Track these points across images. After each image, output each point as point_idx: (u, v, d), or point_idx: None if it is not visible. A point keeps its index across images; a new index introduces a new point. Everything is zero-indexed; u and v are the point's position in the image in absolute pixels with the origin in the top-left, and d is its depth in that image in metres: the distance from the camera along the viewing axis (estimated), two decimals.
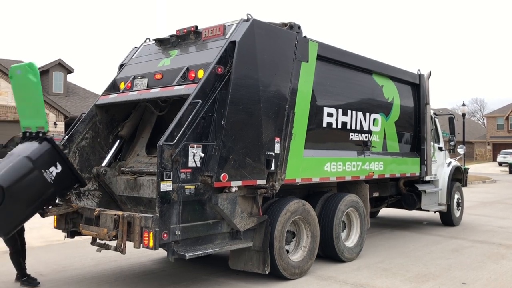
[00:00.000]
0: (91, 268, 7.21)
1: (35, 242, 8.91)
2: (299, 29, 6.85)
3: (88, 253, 7.80)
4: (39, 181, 5.41)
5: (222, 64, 5.83)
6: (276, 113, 6.35)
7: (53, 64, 29.17)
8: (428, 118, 10.12)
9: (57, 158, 5.61)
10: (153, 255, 7.81)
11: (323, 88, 7.37)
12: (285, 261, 6.41)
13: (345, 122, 7.86)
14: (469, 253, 8.42)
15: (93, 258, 7.64)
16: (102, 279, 6.63)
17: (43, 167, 5.46)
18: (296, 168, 6.70)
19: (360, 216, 8.02)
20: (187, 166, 5.38)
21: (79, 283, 6.42)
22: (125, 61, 7.50)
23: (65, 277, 6.70)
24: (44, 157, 5.51)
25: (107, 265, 7.40)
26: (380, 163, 8.66)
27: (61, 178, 5.60)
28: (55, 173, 5.55)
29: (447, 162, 11.61)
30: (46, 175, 5.48)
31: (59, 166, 5.59)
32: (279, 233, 6.31)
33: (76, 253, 8.11)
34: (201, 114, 5.56)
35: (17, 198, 5.25)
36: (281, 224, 6.35)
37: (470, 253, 8.38)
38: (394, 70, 9.30)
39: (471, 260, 7.84)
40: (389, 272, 7.05)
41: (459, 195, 11.64)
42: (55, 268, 7.13)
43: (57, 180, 5.56)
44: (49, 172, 5.50)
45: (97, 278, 6.68)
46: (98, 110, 6.99)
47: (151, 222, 5.10)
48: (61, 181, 5.62)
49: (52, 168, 5.53)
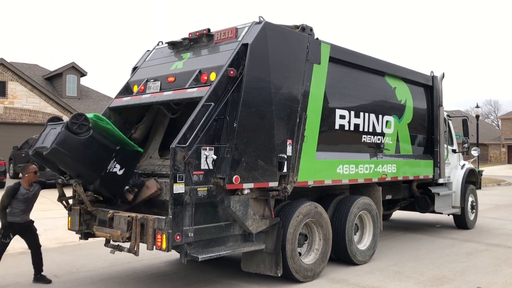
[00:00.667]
0: (105, 270, 7.26)
1: (50, 243, 9.00)
2: (311, 31, 6.85)
3: (102, 254, 7.86)
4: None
5: (234, 66, 5.84)
6: (288, 116, 6.35)
7: (67, 67, 29.54)
8: (441, 120, 10.03)
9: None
10: (166, 256, 7.85)
11: (335, 90, 7.35)
12: (298, 264, 6.39)
13: (358, 124, 7.83)
14: (484, 256, 8.32)
15: (107, 260, 7.71)
16: (115, 280, 6.68)
17: None
18: (308, 171, 6.68)
19: (373, 218, 7.98)
20: (200, 168, 5.40)
21: (93, 284, 6.48)
22: (138, 64, 7.56)
23: (79, 279, 6.77)
24: None
25: (121, 266, 7.46)
26: (393, 165, 8.60)
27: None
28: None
29: (461, 164, 11.49)
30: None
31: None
32: (292, 236, 6.30)
33: (90, 255, 8.18)
34: (213, 117, 5.58)
35: None
36: (293, 226, 6.34)
37: (485, 257, 8.28)
38: (407, 71, 9.24)
39: (486, 264, 7.75)
40: (402, 275, 7.00)
41: (473, 197, 11.52)
42: (69, 270, 7.20)
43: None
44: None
45: (110, 279, 6.73)
46: (112, 112, 7.05)
47: (164, 224, 5.12)
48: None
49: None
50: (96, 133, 5.64)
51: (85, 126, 5.52)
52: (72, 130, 5.41)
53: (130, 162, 6.08)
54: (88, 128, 5.54)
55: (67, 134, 5.37)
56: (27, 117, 25.07)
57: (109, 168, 5.79)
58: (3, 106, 24.47)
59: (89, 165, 5.65)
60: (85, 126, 5.52)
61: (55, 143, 5.30)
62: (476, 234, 10.59)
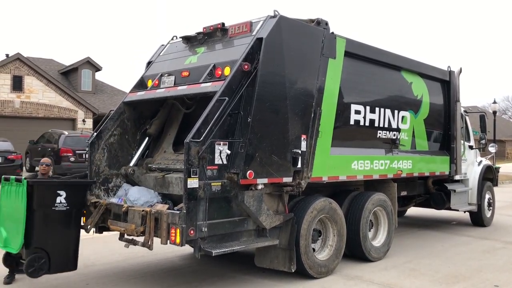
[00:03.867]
0: (119, 263, 7.30)
1: None
2: (327, 25, 6.76)
3: (116, 248, 7.89)
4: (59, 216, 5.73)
5: (249, 61, 5.79)
6: (303, 111, 6.30)
7: (82, 62, 29.77)
8: (458, 116, 9.87)
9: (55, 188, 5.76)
10: (180, 251, 7.87)
11: (350, 85, 7.27)
12: (311, 260, 6.36)
13: (373, 119, 7.74)
14: (501, 254, 8.19)
15: (121, 254, 7.74)
16: (129, 274, 6.72)
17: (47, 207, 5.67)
18: (323, 166, 6.63)
19: (387, 215, 7.90)
20: (214, 163, 5.38)
21: (108, 277, 6.52)
22: (153, 59, 7.55)
23: (94, 272, 6.81)
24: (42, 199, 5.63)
25: (135, 260, 7.49)
26: (408, 161, 8.49)
27: (71, 198, 5.80)
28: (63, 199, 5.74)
29: (478, 161, 11.32)
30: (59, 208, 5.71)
31: (62, 193, 5.75)
32: (306, 232, 6.26)
33: (105, 248, 8.23)
34: (227, 111, 5.55)
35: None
36: (307, 222, 6.30)
37: (502, 255, 8.15)
38: (424, 66, 9.10)
39: (503, 262, 7.63)
40: (417, 272, 6.92)
41: (490, 194, 11.34)
42: (85, 263, 7.22)
43: (70, 202, 5.79)
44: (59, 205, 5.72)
45: (124, 273, 6.77)
46: (126, 107, 7.06)
47: (178, 218, 5.12)
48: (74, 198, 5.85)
49: (58, 199, 5.71)
50: None
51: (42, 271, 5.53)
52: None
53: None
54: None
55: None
56: (43, 111, 25.32)
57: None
58: (20, 100, 24.76)
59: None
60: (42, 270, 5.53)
61: None
62: (492, 231, 10.43)
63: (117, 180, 6.88)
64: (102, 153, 6.74)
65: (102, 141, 6.77)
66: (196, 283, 6.28)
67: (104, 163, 6.76)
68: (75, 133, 19.92)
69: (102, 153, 6.75)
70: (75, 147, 17.31)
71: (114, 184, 6.84)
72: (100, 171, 6.72)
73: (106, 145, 6.80)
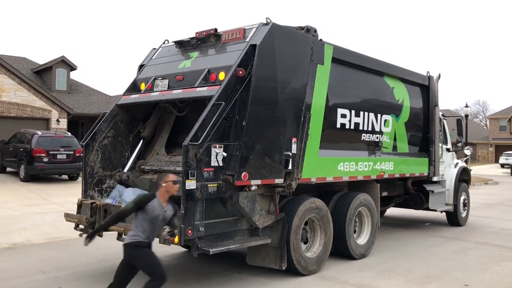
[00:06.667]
0: (94, 266, 7.19)
1: (37, 239, 8.98)
2: (315, 32, 7.04)
3: (91, 250, 7.69)
4: None
5: (243, 66, 6.02)
6: (294, 114, 6.56)
7: (57, 61, 29.12)
8: (436, 120, 10.32)
9: None
10: (166, 251, 7.91)
11: (337, 89, 7.57)
12: (301, 258, 6.62)
13: (358, 123, 8.06)
14: (472, 255, 8.45)
15: (96, 256, 7.68)
16: (104, 276, 6.58)
17: None
18: (312, 168, 6.90)
19: (371, 214, 8.23)
20: (210, 165, 5.58)
21: (81, 280, 6.43)
22: (145, 62, 7.70)
23: (67, 275, 6.67)
24: None
25: (110, 262, 7.33)
26: (390, 163, 8.86)
27: None
28: None
29: (454, 163, 11.81)
30: None
31: None
32: (295, 230, 6.52)
33: (79, 251, 8.05)
34: (223, 115, 5.76)
35: None
36: (297, 221, 6.56)
37: (473, 255, 8.41)
38: (405, 72, 9.49)
39: (474, 262, 7.87)
40: (392, 273, 7.06)
41: (465, 195, 11.84)
42: (57, 265, 7.10)
43: None
44: None
45: (99, 275, 6.67)
46: (120, 109, 7.20)
47: (176, 219, 5.29)
48: None
49: None
50: None
51: None
52: None
53: None
54: None
55: None
56: (15, 110, 24.72)
57: None
58: None
59: None
60: None
61: None
62: (464, 232, 10.78)
63: (110, 181, 7.03)
64: (96, 155, 6.87)
65: (96, 142, 6.89)
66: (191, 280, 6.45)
67: (98, 164, 6.89)
68: (48, 133, 19.36)
69: (96, 154, 6.88)
70: (49, 148, 17.01)
71: (108, 185, 6.98)
72: (94, 173, 6.85)
73: (100, 146, 6.93)
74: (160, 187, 4.73)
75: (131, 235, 4.69)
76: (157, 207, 4.65)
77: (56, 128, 24.60)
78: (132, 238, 4.64)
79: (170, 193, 4.77)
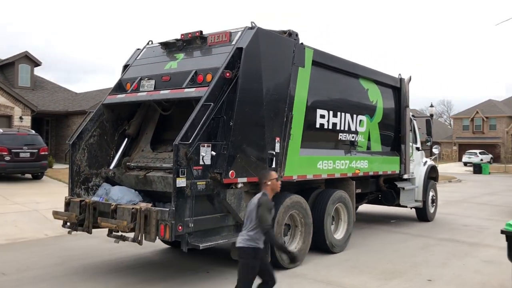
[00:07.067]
0: (57, 267, 7.09)
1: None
2: (297, 36, 7.35)
3: (55, 251, 7.78)
4: None
5: (230, 68, 6.26)
6: (277, 115, 6.85)
7: (19, 56, 28.26)
8: (407, 120, 10.83)
9: None
10: (133, 250, 7.96)
11: (316, 91, 7.90)
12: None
13: (335, 123, 8.43)
14: (434, 250, 8.72)
15: (60, 256, 7.65)
16: (66, 278, 6.50)
17: None
18: (293, 166, 7.21)
19: (347, 210, 8.62)
20: (199, 163, 5.80)
21: (44, 282, 6.34)
22: (129, 62, 7.83)
23: (29, 277, 6.56)
24: None
25: (75, 262, 7.31)
26: (365, 161, 9.28)
27: None
28: None
29: (423, 161, 12.39)
30: None
31: None
32: (279, 226, 6.82)
33: (43, 252, 7.99)
34: (211, 116, 5.98)
35: None
36: (280, 217, 6.86)
37: (436, 251, 8.61)
38: (378, 74, 9.93)
39: (436, 258, 8.06)
40: (357, 269, 7.22)
41: (433, 192, 12.44)
42: (19, 267, 7.01)
43: None
44: None
45: (62, 277, 6.56)
46: (105, 109, 7.32)
47: (167, 215, 5.51)
48: None
49: None
50: None
51: None
52: None
53: None
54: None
55: None
56: None
57: None
58: None
59: None
60: None
61: None
62: (428, 229, 11.12)
63: (96, 179, 7.14)
64: (82, 153, 6.98)
65: (83, 141, 7.00)
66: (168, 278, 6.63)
67: (85, 163, 7.00)
68: (11, 130, 18.67)
69: (83, 153, 6.98)
70: (11, 146, 16.58)
71: (94, 183, 7.10)
72: (80, 171, 6.96)
73: (86, 145, 7.04)
74: (265, 185, 4.75)
75: (247, 239, 4.58)
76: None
77: (19, 125, 23.81)
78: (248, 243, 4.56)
79: (275, 190, 4.83)
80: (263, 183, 4.77)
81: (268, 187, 4.75)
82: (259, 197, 4.61)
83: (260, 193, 4.71)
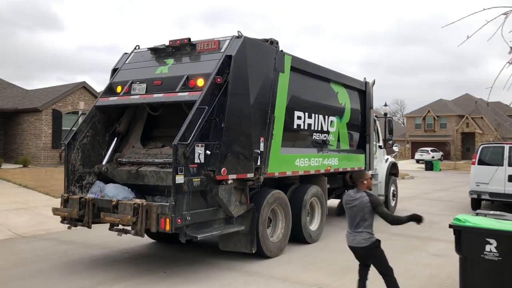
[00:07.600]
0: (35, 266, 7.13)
1: None
2: (277, 44, 7.99)
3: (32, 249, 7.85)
4: None
5: (220, 74, 6.81)
6: (262, 117, 7.47)
7: None
8: (371, 120, 11.72)
9: None
10: (118, 246, 8.37)
11: (295, 94, 8.59)
12: (267, 242, 7.56)
13: (310, 124, 9.15)
14: (387, 245, 8.42)
15: (45, 256, 7.75)
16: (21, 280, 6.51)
17: None
18: (275, 164, 7.86)
19: (321, 204, 9.37)
20: (194, 162, 6.34)
21: (2, 285, 6.34)
22: (118, 66, 8.21)
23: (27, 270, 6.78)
24: None
25: (43, 263, 7.30)
26: (335, 158, 10.06)
27: None
28: None
29: (385, 158, 13.36)
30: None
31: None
32: (263, 218, 7.45)
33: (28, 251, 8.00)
34: (205, 118, 6.52)
35: None
36: (264, 210, 7.50)
37: (388, 246, 8.38)
38: (346, 78, 10.74)
39: (388, 252, 7.88)
40: (313, 266, 7.33)
41: (394, 187, 13.43)
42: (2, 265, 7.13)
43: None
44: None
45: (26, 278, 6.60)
46: (97, 111, 7.71)
47: (167, 209, 6.02)
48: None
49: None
50: None
51: None
52: None
53: None
54: None
55: None
56: None
57: None
58: None
59: None
60: None
61: None
62: (381, 224, 10.93)
63: (89, 177, 7.53)
64: (77, 153, 7.35)
65: (77, 142, 7.37)
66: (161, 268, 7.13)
67: (79, 162, 7.37)
68: None
69: (77, 153, 7.35)
70: None
71: (87, 182, 7.48)
72: (75, 170, 7.33)
73: (80, 145, 7.41)
74: (362, 184, 5.15)
75: (369, 237, 5.22)
76: None
77: None
78: (371, 240, 5.20)
79: (369, 188, 5.24)
80: (359, 182, 5.17)
81: (364, 185, 5.17)
82: (368, 198, 5.05)
83: (354, 191, 5.18)
